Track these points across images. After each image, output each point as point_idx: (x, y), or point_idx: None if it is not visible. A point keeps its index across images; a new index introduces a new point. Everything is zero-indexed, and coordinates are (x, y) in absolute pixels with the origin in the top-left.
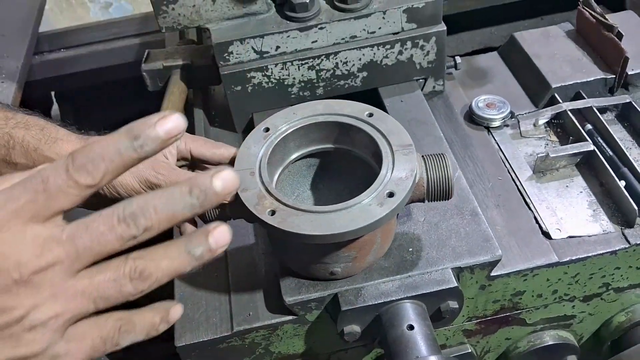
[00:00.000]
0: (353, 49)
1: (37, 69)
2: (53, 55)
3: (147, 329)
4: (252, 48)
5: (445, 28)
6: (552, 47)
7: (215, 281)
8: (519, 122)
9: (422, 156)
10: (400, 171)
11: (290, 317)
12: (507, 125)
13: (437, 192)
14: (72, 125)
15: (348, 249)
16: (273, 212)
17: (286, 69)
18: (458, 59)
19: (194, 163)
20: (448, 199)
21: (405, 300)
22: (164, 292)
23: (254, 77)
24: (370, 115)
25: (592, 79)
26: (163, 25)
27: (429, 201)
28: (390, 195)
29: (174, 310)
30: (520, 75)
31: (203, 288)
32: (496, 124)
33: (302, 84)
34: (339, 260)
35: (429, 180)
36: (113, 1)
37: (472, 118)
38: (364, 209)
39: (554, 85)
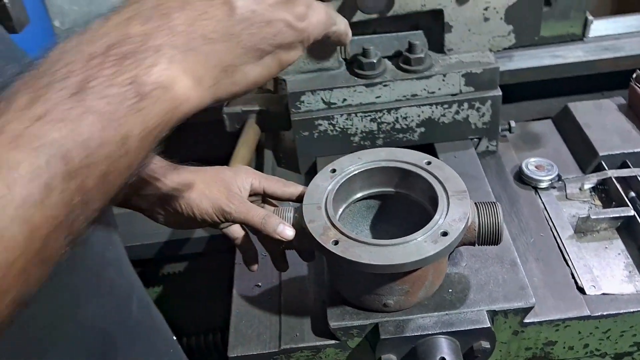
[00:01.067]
0: (413, 106)
1: None
2: None
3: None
4: (322, 99)
5: (500, 93)
6: (603, 118)
7: (269, 303)
8: (565, 185)
9: (475, 203)
10: (454, 214)
11: (333, 342)
12: (554, 187)
13: (487, 236)
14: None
15: (402, 282)
16: (336, 242)
17: (350, 120)
18: (513, 123)
19: (264, 198)
20: (497, 244)
21: (440, 336)
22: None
23: (320, 125)
24: (429, 163)
25: (638, 150)
26: None
27: (479, 244)
28: (444, 234)
29: None
30: (570, 142)
31: (258, 308)
32: (544, 185)
33: (364, 134)
34: (393, 293)
35: (480, 225)
36: None
37: (521, 178)
38: (419, 245)
39: (601, 153)
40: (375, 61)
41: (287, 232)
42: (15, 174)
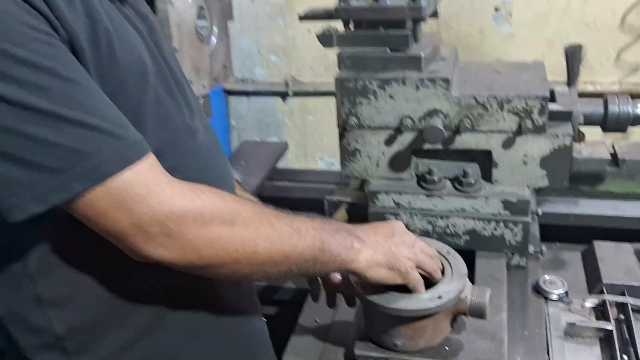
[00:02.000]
0: (461, 217)
1: (265, 189)
2: (278, 183)
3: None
4: (393, 199)
5: (530, 220)
6: (617, 256)
7: (320, 334)
8: (571, 301)
9: (472, 284)
10: (452, 286)
11: None
12: (561, 301)
13: (475, 310)
14: None
15: (407, 328)
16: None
17: (412, 219)
18: (544, 248)
19: None
20: (483, 318)
21: None
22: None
23: (389, 218)
24: (448, 252)
25: (637, 285)
26: (343, 173)
27: (470, 315)
28: (439, 297)
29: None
30: (587, 269)
31: (311, 335)
32: (553, 297)
33: (421, 233)
34: (401, 335)
35: (471, 300)
36: (334, 162)
37: (537, 289)
38: (421, 300)
39: (604, 281)
40: (436, 179)
41: (336, 276)
42: (302, 241)
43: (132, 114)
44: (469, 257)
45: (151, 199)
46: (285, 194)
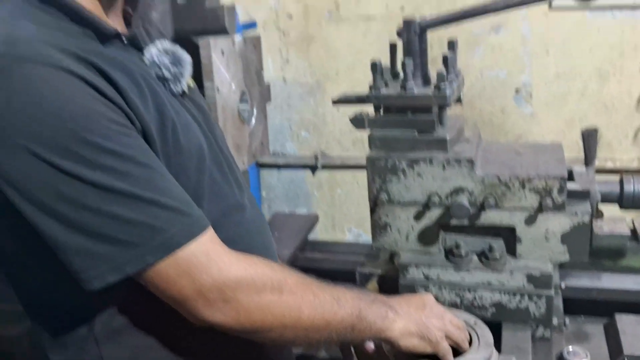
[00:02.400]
0: (487, 290)
1: (298, 260)
2: (310, 255)
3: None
4: (422, 272)
5: (553, 294)
6: (639, 330)
7: None
8: None
9: (499, 354)
10: (479, 355)
11: None
12: None
13: None
14: None
15: None
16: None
17: (441, 291)
18: (567, 320)
19: None
20: None
21: None
22: None
23: (419, 290)
24: (475, 323)
25: None
26: (375, 246)
27: None
28: None
29: None
30: (609, 342)
31: None
32: None
33: (449, 305)
34: None
35: None
36: (361, 233)
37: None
38: None
39: (625, 353)
40: (464, 254)
41: (370, 345)
42: (342, 309)
43: (191, 192)
44: (495, 328)
45: (212, 267)
46: (317, 265)
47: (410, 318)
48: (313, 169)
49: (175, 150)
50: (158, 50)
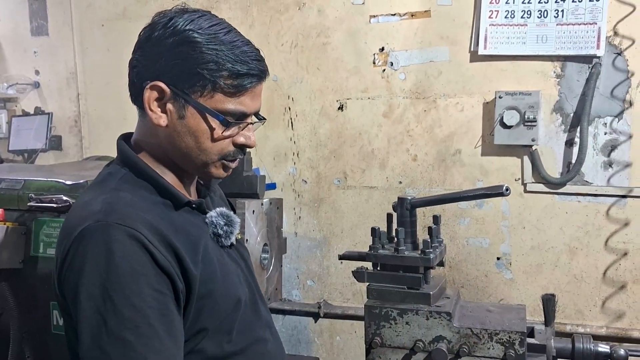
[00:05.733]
0: None
1: None
2: None
3: None
4: None
5: None
6: None
7: None
8: None
9: None
10: None
11: None
12: None
13: None
14: None
15: None
16: None
17: None
18: None
19: None
20: None
21: None
22: None
23: None
24: None
25: None
26: None
27: None
28: None
29: None
30: None
31: None
32: None
33: None
34: None
35: None
36: None
37: None
38: None
39: None
40: None
41: None
42: None
43: (225, 326)
44: None
45: None
46: None
47: None
48: (315, 316)
49: (210, 298)
50: (216, 214)
